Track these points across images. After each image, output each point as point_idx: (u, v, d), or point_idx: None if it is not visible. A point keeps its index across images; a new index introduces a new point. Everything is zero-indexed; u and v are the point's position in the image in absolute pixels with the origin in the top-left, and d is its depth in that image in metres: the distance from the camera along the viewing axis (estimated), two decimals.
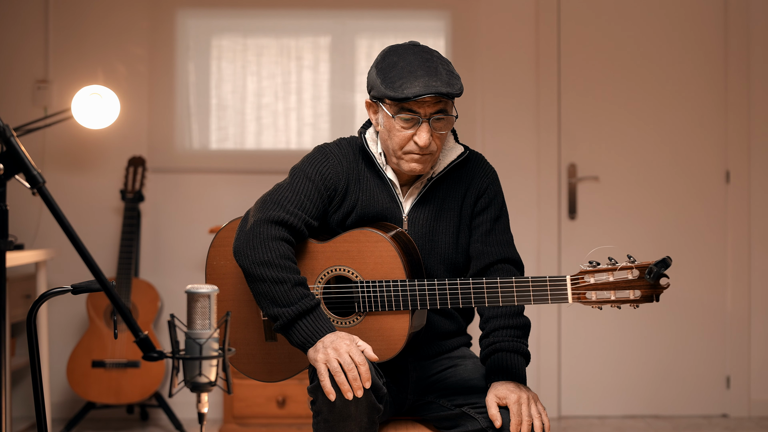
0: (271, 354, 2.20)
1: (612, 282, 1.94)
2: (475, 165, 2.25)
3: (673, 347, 4.34)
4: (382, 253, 2.08)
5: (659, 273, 1.89)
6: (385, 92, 2.06)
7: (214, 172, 4.32)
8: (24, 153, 1.64)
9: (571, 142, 4.35)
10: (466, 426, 2.12)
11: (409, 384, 2.24)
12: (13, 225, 4.00)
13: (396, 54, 2.11)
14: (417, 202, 2.20)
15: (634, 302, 1.94)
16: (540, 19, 4.34)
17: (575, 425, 4.21)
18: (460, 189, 2.22)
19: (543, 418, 2.05)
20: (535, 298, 2.01)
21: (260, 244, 2.05)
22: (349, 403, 1.93)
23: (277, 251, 2.04)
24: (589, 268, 1.96)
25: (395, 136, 2.10)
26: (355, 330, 2.11)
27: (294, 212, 2.10)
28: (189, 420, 4.15)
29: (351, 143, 2.24)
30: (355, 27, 4.38)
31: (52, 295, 1.89)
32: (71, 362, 3.94)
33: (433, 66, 2.07)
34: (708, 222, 4.35)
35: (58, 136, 4.25)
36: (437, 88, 2.03)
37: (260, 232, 2.07)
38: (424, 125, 2.07)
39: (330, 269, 2.13)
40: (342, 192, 2.18)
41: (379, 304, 2.08)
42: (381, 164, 2.20)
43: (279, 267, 2.03)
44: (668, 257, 1.88)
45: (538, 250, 4.32)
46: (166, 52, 4.33)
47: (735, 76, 4.33)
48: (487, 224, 2.21)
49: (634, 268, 1.93)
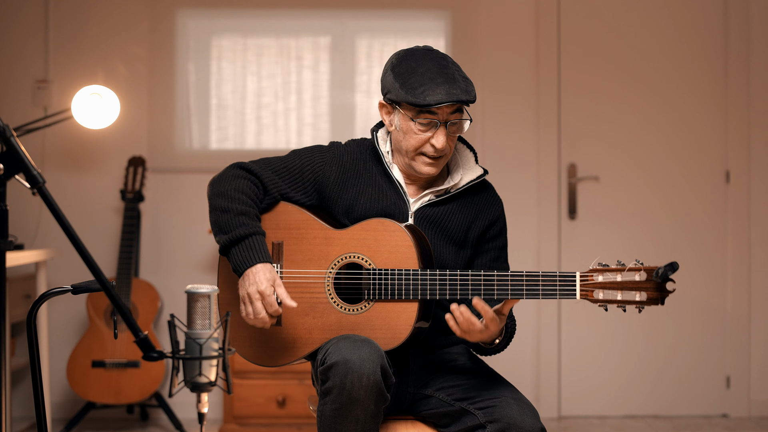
0: (276, 339, 2.22)
1: (620, 282, 1.99)
2: (489, 193, 2.35)
3: (673, 347, 4.34)
4: (397, 242, 2.13)
5: (666, 274, 1.94)
6: (407, 97, 2.14)
7: (215, 172, 4.26)
8: (24, 153, 1.64)
9: (571, 142, 4.35)
10: (465, 422, 2.14)
11: (410, 376, 2.26)
12: (13, 225, 4.00)
13: (413, 59, 2.19)
14: (426, 206, 2.27)
15: (640, 304, 1.98)
16: (540, 19, 4.34)
17: (575, 425, 4.21)
18: (471, 210, 2.29)
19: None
20: (543, 293, 2.04)
21: (225, 180, 2.23)
22: (359, 386, 1.96)
23: (235, 185, 2.21)
24: (599, 267, 2.01)
25: (411, 138, 2.19)
26: (362, 318, 2.14)
27: (269, 172, 2.25)
28: (189, 420, 4.15)
29: (360, 143, 2.34)
30: (355, 27, 4.38)
31: (52, 295, 1.89)
32: (71, 362, 3.94)
33: (450, 73, 2.16)
34: (708, 222, 4.35)
35: (58, 136, 4.25)
36: (458, 96, 2.13)
37: (231, 173, 2.25)
38: (441, 129, 2.16)
39: (344, 256, 2.18)
40: (336, 184, 2.26)
41: (388, 292, 2.12)
42: (388, 162, 2.27)
43: (230, 198, 2.19)
44: (676, 262, 1.93)
45: (538, 250, 4.33)
46: (166, 52, 4.33)
47: (735, 76, 4.33)
48: (496, 251, 2.31)
49: (642, 270, 1.98)
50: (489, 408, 2.10)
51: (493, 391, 2.15)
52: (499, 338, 2.14)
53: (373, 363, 1.98)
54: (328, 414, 2.01)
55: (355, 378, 1.96)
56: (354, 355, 1.98)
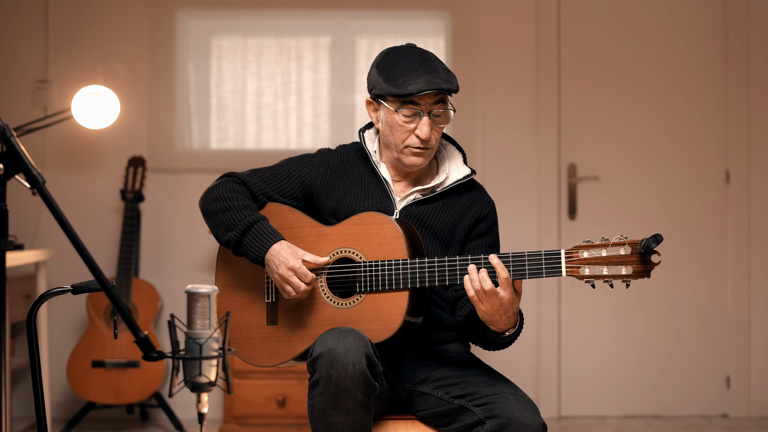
0: (272, 337, 2.24)
1: (605, 257, 2.02)
2: (478, 192, 2.35)
3: (673, 347, 4.34)
4: (387, 234, 2.16)
5: (649, 245, 1.95)
6: (389, 89, 2.20)
7: (215, 172, 4.29)
8: (24, 153, 1.64)
9: (571, 141, 4.35)
10: (463, 420, 2.14)
11: (405, 372, 2.26)
12: (13, 225, 4.00)
13: (396, 54, 2.26)
14: (411, 204, 2.29)
15: (626, 277, 2.00)
16: (540, 19, 4.34)
17: (575, 425, 4.21)
18: (457, 209, 2.30)
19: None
20: (530, 271, 2.07)
21: (217, 187, 2.29)
22: (345, 375, 1.97)
23: (229, 188, 2.27)
24: (583, 243, 2.04)
25: (397, 130, 2.23)
26: (354, 311, 2.16)
27: (256, 180, 2.30)
28: (189, 420, 4.15)
29: (349, 146, 2.39)
30: (355, 27, 4.38)
31: (52, 295, 1.89)
32: (71, 362, 3.94)
33: (432, 64, 2.22)
34: (708, 222, 4.35)
35: (58, 136, 4.25)
36: (438, 84, 2.17)
37: (221, 181, 2.31)
38: (425, 119, 2.20)
39: (336, 251, 2.20)
40: (323, 186, 2.30)
41: (379, 283, 2.14)
42: (375, 161, 2.31)
43: (228, 198, 2.25)
44: (659, 234, 1.95)
45: (538, 250, 4.32)
46: (166, 52, 4.33)
47: (735, 76, 4.33)
48: (482, 249, 2.30)
49: (627, 244, 2.01)
50: (488, 404, 2.10)
51: (492, 386, 2.15)
52: (511, 329, 2.13)
53: (358, 352, 1.99)
54: (318, 407, 2.03)
55: (340, 368, 1.98)
56: (338, 345, 2.00)
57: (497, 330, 2.12)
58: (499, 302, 2.05)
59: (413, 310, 2.15)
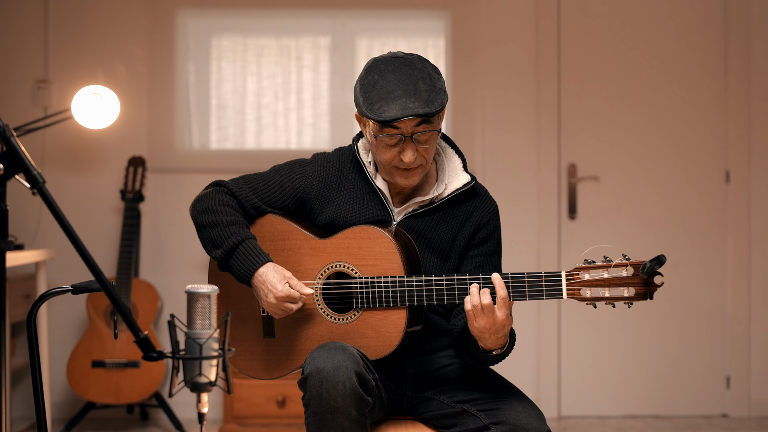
0: (269, 351, 2.21)
1: (607, 279, 1.97)
2: (478, 198, 2.26)
3: (673, 347, 4.34)
4: (382, 249, 2.11)
5: (652, 268, 1.91)
6: (366, 113, 2.10)
7: (215, 172, 4.32)
8: (24, 153, 1.64)
9: (571, 142, 4.35)
10: (467, 424, 2.11)
11: (407, 379, 2.23)
12: (13, 225, 4.00)
13: (376, 71, 2.12)
14: (409, 216, 2.21)
15: (629, 299, 1.96)
16: (540, 19, 4.34)
17: (575, 425, 4.21)
18: (458, 218, 2.23)
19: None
20: (530, 293, 2.02)
21: (206, 197, 2.22)
22: (336, 394, 1.95)
23: (218, 199, 2.21)
24: (584, 264, 1.99)
25: (381, 152, 2.14)
26: (352, 327, 2.12)
27: (246, 191, 2.23)
28: (189, 420, 4.15)
29: (346, 152, 2.29)
30: (355, 27, 4.38)
31: (52, 295, 1.89)
32: (71, 362, 3.94)
33: (413, 83, 2.08)
34: (708, 222, 4.35)
35: (58, 136, 4.25)
36: (414, 110, 2.05)
37: (210, 190, 2.24)
38: (408, 143, 2.09)
39: (330, 265, 2.15)
40: (317, 199, 2.23)
41: (376, 300, 2.09)
42: (371, 174, 2.22)
43: (216, 212, 2.18)
44: (663, 255, 1.90)
45: (538, 250, 4.32)
46: (166, 52, 4.33)
47: (735, 76, 4.33)
48: (482, 258, 2.23)
49: (629, 266, 1.96)
50: (493, 410, 2.08)
51: (496, 393, 2.13)
52: (499, 350, 2.08)
53: (347, 370, 1.96)
54: (312, 426, 2.01)
55: (330, 387, 1.95)
56: (327, 363, 1.97)
57: (484, 347, 2.07)
58: (493, 321, 2.00)
59: (412, 321, 2.12)
